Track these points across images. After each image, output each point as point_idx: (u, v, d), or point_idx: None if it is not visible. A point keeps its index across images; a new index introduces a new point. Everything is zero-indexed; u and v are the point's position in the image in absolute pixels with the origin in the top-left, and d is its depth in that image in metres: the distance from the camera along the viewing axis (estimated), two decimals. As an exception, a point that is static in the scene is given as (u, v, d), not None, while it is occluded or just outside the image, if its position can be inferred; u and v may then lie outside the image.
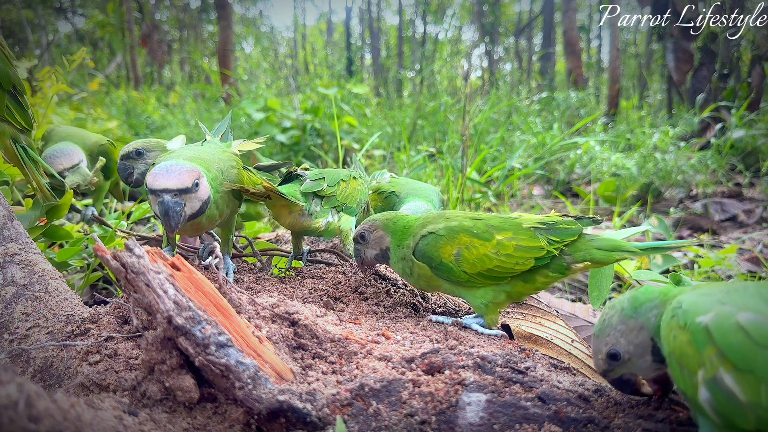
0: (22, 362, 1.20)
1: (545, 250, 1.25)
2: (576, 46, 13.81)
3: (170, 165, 1.28)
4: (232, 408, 1.00)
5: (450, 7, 25.43)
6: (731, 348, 0.75)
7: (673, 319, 0.86)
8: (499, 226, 1.30)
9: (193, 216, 1.33)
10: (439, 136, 6.40)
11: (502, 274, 1.28)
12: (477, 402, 0.97)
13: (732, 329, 0.77)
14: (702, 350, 0.78)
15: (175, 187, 1.25)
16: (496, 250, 1.27)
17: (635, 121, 8.32)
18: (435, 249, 1.33)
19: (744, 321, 0.76)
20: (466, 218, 1.35)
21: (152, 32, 15.74)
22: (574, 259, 1.29)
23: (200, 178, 1.30)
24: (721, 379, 0.76)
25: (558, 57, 20.34)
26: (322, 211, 1.64)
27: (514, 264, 1.26)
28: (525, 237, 1.27)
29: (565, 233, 1.28)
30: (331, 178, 1.68)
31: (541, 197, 5.33)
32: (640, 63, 16.83)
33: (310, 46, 30.10)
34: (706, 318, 0.80)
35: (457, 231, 1.31)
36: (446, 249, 1.31)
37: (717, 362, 0.76)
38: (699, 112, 7.21)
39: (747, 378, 0.73)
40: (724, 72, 7.44)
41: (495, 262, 1.26)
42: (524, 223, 1.30)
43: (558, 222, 1.30)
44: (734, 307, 0.79)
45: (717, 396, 0.76)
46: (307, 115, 5.72)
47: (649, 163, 4.99)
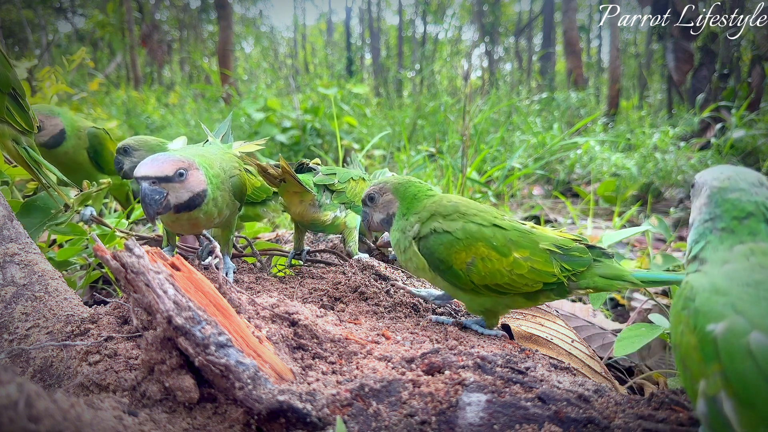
0: (22, 362, 1.20)
1: (556, 277, 1.23)
2: (576, 46, 13.81)
3: (157, 155, 1.28)
4: (232, 408, 1.00)
5: (450, 7, 25.44)
6: (736, 375, 0.70)
7: (684, 312, 0.81)
8: (518, 242, 1.24)
9: (180, 207, 1.30)
10: (439, 136, 6.40)
11: (508, 290, 1.25)
12: (477, 402, 0.97)
13: (741, 353, 0.70)
14: (707, 363, 0.74)
15: (154, 174, 1.24)
16: (510, 268, 1.22)
17: (635, 121, 8.32)
18: (448, 253, 1.24)
19: (755, 345, 0.70)
20: (486, 221, 1.26)
21: (152, 32, 15.74)
22: (578, 286, 1.27)
23: (189, 169, 1.29)
24: (721, 401, 0.71)
25: (558, 57, 20.34)
26: (331, 204, 1.70)
27: (523, 284, 1.23)
28: (540, 260, 1.22)
29: (577, 263, 1.24)
30: (342, 175, 1.76)
31: (541, 197, 5.33)
32: (640, 63, 16.82)
33: (310, 46, 30.10)
34: (717, 328, 0.74)
35: (476, 238, 1.23)
36: (461, 256, 1.23)
37: (720, 383, 0.72)
38: (699, 112, 7.21)
39: (747, 411, 0.69)
40: (724, 72, 7.44)
41: (506, 279, 1.22)
42: (541, 242, 1.25)
43: (572, 248, 1.25)
44: (748, 322, 0.73)
45: (714, 416, 0.73)
46: (307, 115, 5.72)
47: (649, 163, 4.99)
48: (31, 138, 1.70)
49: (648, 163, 4.99)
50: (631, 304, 2.40)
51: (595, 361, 1.41)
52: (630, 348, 1.35)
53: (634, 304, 2.37)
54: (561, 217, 4.34)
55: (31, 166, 1.66)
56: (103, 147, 2.10)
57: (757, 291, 0.78)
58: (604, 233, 1.56)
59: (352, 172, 1.83)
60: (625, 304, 2.41)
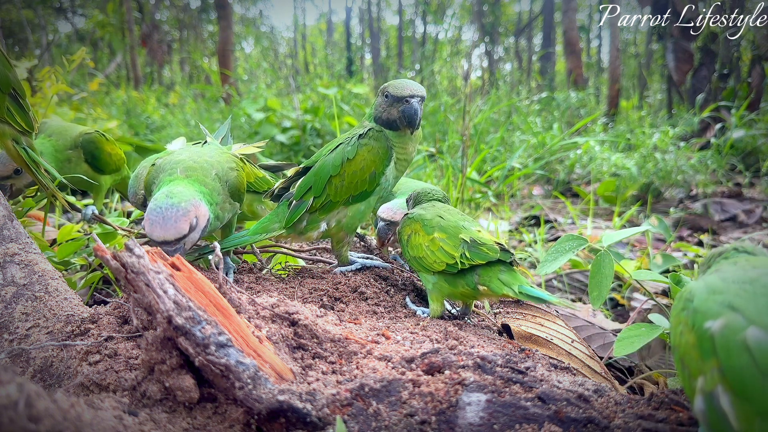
0: (22, 362, 1.20)
1: (454, 260, 1.38)
2: (576, 46, 13.80)
3: (165, 210, 1.29)
4: (232, 408, 1.00)
5: (450, 7, 25.43)
6: (733, 370, 0.71)
7: (683, 313, 0.83)
8: (444, 228, 1.46)
9: (195, 243, 1.42)
10: (439, 136, 6.40)
11: (426, 266, 1.44)
12: (477, 402, 0.97)
13: (737, 348, 0.72)
14: (705, 359, 0.75)
15: (173, 237, 1.30)
16: (428, 244, 1.45)
17: (635, 121, 8.31)
18: (402, 228, 1.56)
19: (752, 340, 0.72)
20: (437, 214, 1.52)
21: (152, 32, 15.74)
22: (479, 281, 1.38)
23: (197, 216, 1.33)
24: (718, 396, 0.72)
25: (558, 57, 20.34)
26: (308, 225, 1.61)
27: (433, 261, 1.42)
28: (451, 244, 1.41)
29: (477, 255, 1.37)
30: (319, 181, 1.56)
31: (541, 197, 5.33)
32: (640, 63, 16.82)
33: (310, 46, 30.09)
34: (714, 325, 0.76)
35: (416, 219, 1.52)
36: (406, 230, 1.54)
37: (717, 378, 0.73)
38: (699, 112, 7.21)
39: (743, 405, 0.70)
40: (724, 72, 7.44)
41: (423, 253, 1.45)
42: (464, 234, 1.42)
43: (484, 245, 1.39)
44: (745, 318, 0.74)
45: (711, 411, 0.73)
46: (307, 115, 5.71)
47: (649, 163, 4.99)
48: (31, 138, 1.70)
49: (648, 163, 4.99)
50: (631, 304, 2.40)
51: (595, 361, 1.41)
52: (630, 348, 1.35)
53: (634, 304, 2.37)
54: (561, 217, 4.34)
55: (30, 166, 1.67)
56: (100, 150, 2.05)
57: (753, 287, 0.79)
58: (604, 233, 1.56)
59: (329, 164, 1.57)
60: (625, 304, 2.41)
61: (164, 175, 1.44)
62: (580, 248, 1.54)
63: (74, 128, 2.07)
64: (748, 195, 4.97)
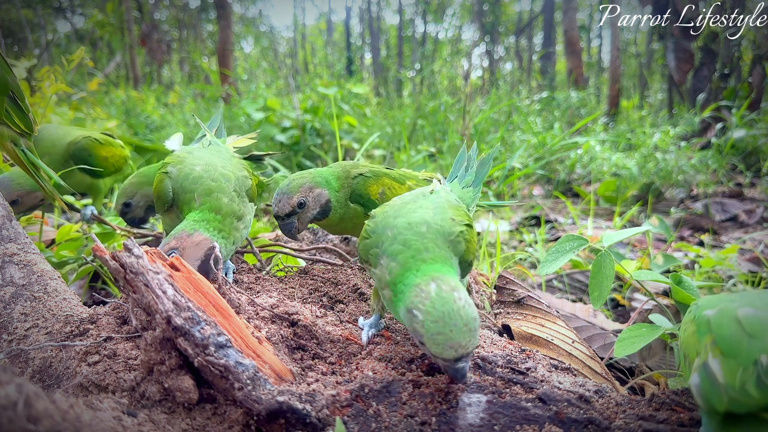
0: (21, 362, 1.19)
1: None
2: (576, 46, 13.80)
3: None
4: (231, 409, 0.99)
5: (450, 7, 25.43)
6: (723, 337, 0.81)
7: (690, 314, 0.92)
8: (408, 175, 1.59)
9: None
10: (439, 135, 6.40)
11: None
12: (477, 403, 0.97)
13: (729, 321, 0.82)
14: (701, 339, 0.84)
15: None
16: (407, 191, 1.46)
17: (636, 120, 8.31)
18: (365, 188, 1.52)
19: (742, 314, 0.82)
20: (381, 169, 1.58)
21: (152, 32, 15.74)
22: None
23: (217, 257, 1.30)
24: (708, 364, 0.80)
25: (558, 57, 20.33)
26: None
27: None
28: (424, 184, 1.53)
29: None
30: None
31: (541, 197, 5.32)
32: (641, 63, 16.82)
33: (309, 45, 30.08)
34: (711, 311, 0.86)
35: (380, 174, 1.54)
36: (374, 188, 1.52)
37: (710, 349, 0.81)
38: (699, 112, 7.20)
39: (730, 363, 0.77)
40: (725, 72, 7.44)
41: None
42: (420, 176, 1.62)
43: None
44: (740, 303, 0.84)
45: (704, 381, 0.80)
46: (306, 115, 5.71)
47: (649, 163, 4.98)
48: (30, 140, 1.69)
49: (648, 163, 4.98)
50: (631, 304, 2.40)
51: (595, 362, 1.40)
52: (630, 348, 1.34)
53: (635, 305, 2.36)
54: (561, 217, 4.34)
55: (29, 168, 1.66)
56: (94, 156, 2.00)
57: (756, 296, 0.89)
58: (605, 233, 1.56)
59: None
60: (625, 304, 2.41)
61: (184, 198, 1.43)
62: (580, 248, 1.54)
63: (64, 138, 2.02)
64: (749, 195, 4.96)
